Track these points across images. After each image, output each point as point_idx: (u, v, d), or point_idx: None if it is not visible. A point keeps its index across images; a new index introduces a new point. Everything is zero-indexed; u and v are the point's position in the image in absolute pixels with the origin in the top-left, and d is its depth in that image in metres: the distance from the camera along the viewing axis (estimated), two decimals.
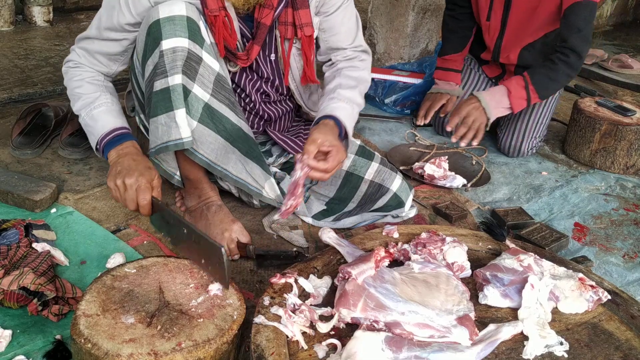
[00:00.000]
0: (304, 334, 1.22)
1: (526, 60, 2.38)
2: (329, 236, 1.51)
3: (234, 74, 1.68)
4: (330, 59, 1.80)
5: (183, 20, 1.47)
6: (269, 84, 1.74)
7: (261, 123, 1.80)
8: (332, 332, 1.25)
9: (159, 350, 1.10)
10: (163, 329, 1.16)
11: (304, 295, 1.33)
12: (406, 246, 1.52)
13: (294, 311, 1.25)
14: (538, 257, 1.48)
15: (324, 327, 1.25)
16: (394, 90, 2.79)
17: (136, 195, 1.40)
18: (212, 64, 1.55)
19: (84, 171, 1.98)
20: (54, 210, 1.74)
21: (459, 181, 2.15)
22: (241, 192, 1.82)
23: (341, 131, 1.61)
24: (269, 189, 1.70)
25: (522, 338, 1.28)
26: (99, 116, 1.55)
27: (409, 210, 1.84)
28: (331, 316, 1.27)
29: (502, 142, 2.47)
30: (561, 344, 1.27)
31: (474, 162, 2.36)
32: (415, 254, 1.48)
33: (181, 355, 1.10)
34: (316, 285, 1.36)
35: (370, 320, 1.24)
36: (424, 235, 1.55)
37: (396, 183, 1.78)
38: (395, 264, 1.47)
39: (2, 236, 1.51)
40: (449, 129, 2.23)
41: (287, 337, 1.20)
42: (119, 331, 1.14)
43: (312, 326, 1.25)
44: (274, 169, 1.79)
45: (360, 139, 2.38)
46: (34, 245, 1.50)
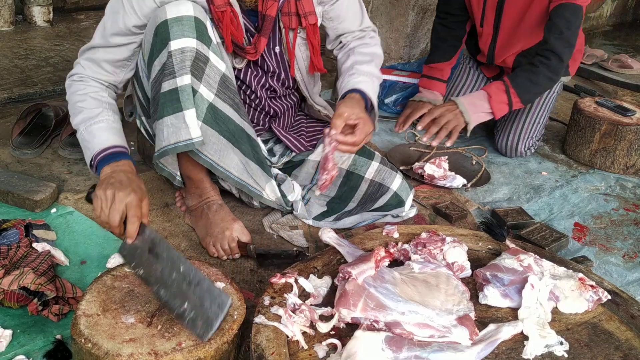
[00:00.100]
0: (304, 333, 1.22)
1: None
2: (329, 236, 1.51)
3: (239, 71, 1.68)
4: (340, 41, 1.85)
5: (191, 21, 1.46)
6: (275, 77, 1.75)
7: (266, 120, 1.81)
8: (332, 332, 1.25)
9: (159, 350, 1.11)
10: (163, 328, 1.16)
11: (304, 295, 1.33)
12: (406, 246, 1.52)
13: (294, 311, 1.25)
14: (538, 257, 1.48)
15: (324, 327, 1.25)
16: (394, 90, 2.80)
17: (124, 212, 1.30)
18: (218, 64, 1.55)
19: (84, 171, 1.98)
20: (54, 210, 1.74)
21: (459, 181, 2.15)
22: (241, 193, 1.82)
23: (367, 103, 1.65)
24: (269, 191, 1.70)
25: (522, 338, 1.28)
26: (97, 132, 1.49)
27: (409, 210, 1.84)
28: (331, 316, 1.27)
29: (498, 142, 2.48)
30: (561, 343, 1.27)
31: (474, 162, 2.36)
32: (416, 253, 1.48)
33: (181, 355, 1.11)
34: (316, 285, 1.36)
35: (371, 320, 1.24)
36: (424, 235, 1.55)
37: (396, 182, 1.78)
38: (395, 264, 1.47)
39: (3, 236, 1.51)
40: (419, 127, 2.24)
41: (287, 337, 1.20)
42: (119, 331, 1.14)
43: (312, 326, 1.25)
44: (275, 171, 1.79)
45: None
46: (34, 245, 1.50)
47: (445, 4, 2.49)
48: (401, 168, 2.21)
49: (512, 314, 1.36)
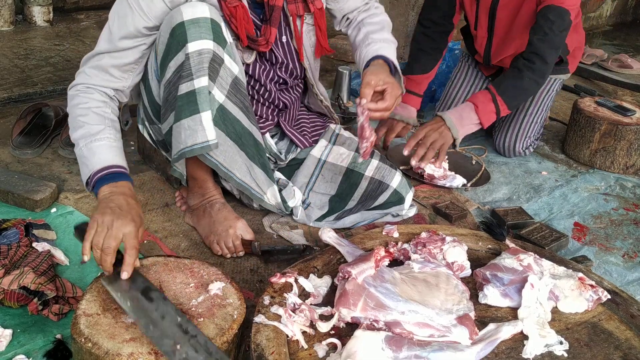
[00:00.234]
0: (304, 333, 1.22)
1: None
2: (328, 236, 1.51)
3: (247, 66, 1.67)
4: (347, 18, 1.89)
5: (207, 22, 1.46)
6: (283, 68, 1.75)
7: (275, 114, 1.81)
8: (332, 332, 1.25)
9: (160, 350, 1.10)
10: None
11: (304, 295, 1.33)
12: (406, 246, 1.52)
13: (294, 310, 1.25)
14: (538, 256, 1.48)
15: (324, 327, 1.25)
16: None
17: (120, 240, 1.24)
18: (231, 66, 1.55)
19: None
20: (54, 210, 1.74)
21: (458, 181, 2.15)
22: (242, 194, 1.82)
23: (390, 68, 1.68)
24: (270, 196, 1.71)
25: (522, 337, 1.28)
26: (98, 150, 1.43)
27: (408, 209, 1.85)
28: (331, 315, 1.27)
29: (496, 142, 2.48)
30: (561, 343, 1.27)
31: (474, 162, 2.36)
32: (415, 253, 1.49)
33: None
34: (316, 285, 1.37)
35: (370, 320, 1.25)
36: (423, 234, 1.55)
37: (396, 179, 1.79)
38: (395, 263, 1.47)
39: (3, 236, 1.51)
40: (405, 152, 2.11)
41: (287, 336, 1.20)
42: (119, 330, 1.14)
43: (312, 325, 1.25)
44: (277, 176, 1.81)
45: None
46: (34, 244, 1.50)
47: (430, 12, 2.38)
48: (401, 168, 2.20)
49: (512, 314, 1.36)
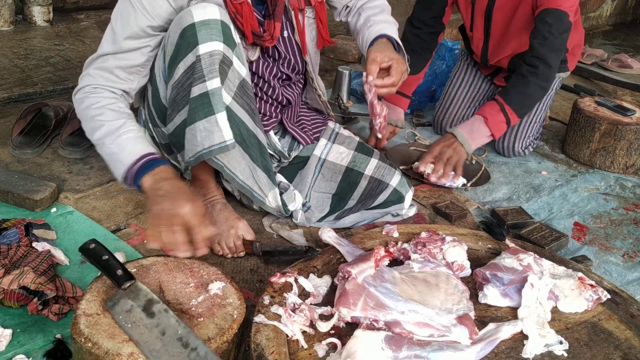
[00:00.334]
0: (304, 333, 1.23)
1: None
2: (328, 235, 1.51)
3: (251, 63, 1.67)
4: (347, 6, 1.91)
5: (218, 24, 1.45)
6: (285, 63, 1.74)
7: (278, 111, 1.81)
8: (332, 331, 1.25)
9: None
10: None
11: (304, 295, 1.33)
12: (406, 245, 1.52)
13: (294, 310, 1.25)
14: (538, 256, 1.48)
15: (324, 326, 1.25)
16: None
17: (183, 221, 1.26)
18: (239, 69, 1.55)
19: (84, 171, 1.98)
20: (54, 210, 1.74)
21: (459, 181, 2.15)
22: (242, 196, 1.82)
23: (394, 46, 1.71)
24: (271, 199, 1.71)
25: (521, 337, 1.28)
26: (126, 143, 1.43)
27: (408, 209, 1.85)
28: (331, 315, 1.27)
29: (496, 142, 2.47)
30: (561, 343, 1.27)
31: (474, 162, 2.36)
32: (415, 253, 1.49)
33: None
34: (316, 285, 1.37)
35: (370, 319, 1.25)
36: (423, 234, 1.55)
37: (395, 178, 1.80)
38: (395, 263, 1.47)
39: (2, 235, 1.51)
40: (421, 169, 2.12)
41: (287, 336, 1.21)
42: (119, 330, 1.14)
43: (312, 325, 1.25)
44: (278, 179, 1.81)
45: (360, 138, 2.37)
46: (34, 244, 1.50)
47: (422, 13, 2.37)
48: (401, 168, 2.20)
49: (512, 313, 1.36)
